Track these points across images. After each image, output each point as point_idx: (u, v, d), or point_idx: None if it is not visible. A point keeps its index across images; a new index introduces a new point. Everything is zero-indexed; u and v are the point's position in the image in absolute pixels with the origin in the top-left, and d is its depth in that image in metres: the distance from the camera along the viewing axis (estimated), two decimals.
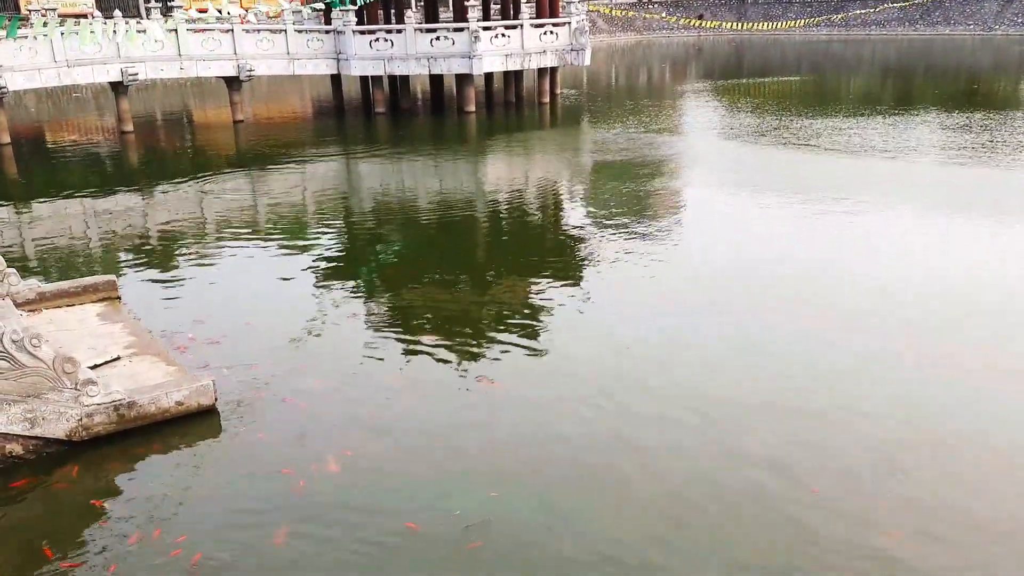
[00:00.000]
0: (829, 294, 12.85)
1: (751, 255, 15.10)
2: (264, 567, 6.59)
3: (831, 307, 12.29)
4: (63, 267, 15.43)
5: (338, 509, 7.32)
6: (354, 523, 7.11)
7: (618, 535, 6.93)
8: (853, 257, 14.86)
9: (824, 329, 11.42)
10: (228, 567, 6.59)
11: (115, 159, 28.79)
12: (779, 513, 7.21)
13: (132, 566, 6.60)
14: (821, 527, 7.02)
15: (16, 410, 8.02)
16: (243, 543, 6.86)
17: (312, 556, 6.71)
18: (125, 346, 10.48)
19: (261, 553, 6.74)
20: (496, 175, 24.90)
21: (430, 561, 6.63)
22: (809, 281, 13.54)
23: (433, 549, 6.78)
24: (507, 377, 10.03)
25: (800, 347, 10.87)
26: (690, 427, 8.74)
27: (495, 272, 14.87)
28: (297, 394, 9.60)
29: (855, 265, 14.35)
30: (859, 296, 12.70)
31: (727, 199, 20.17)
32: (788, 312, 12.11)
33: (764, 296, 12.83)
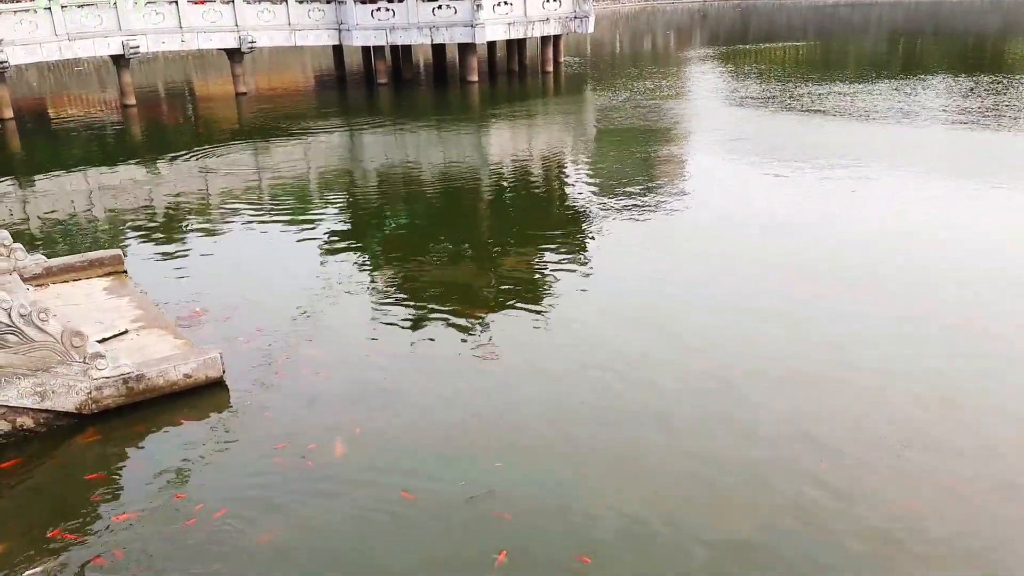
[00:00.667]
0: (837, 260, 12.82)
1: (757, 222, 15.05)
2: (274, 536, 6.67)
3: (839, 273, 12.27)
4: (69, 242, 15.48)
5: (344, 479, 7.39)
6: (360, 493, 7.17)
7: (623, 505, 6.96)
8: (860, 222, 14.81)
9: (832, 295, 11.40)
10: (240, 536, 6.67)
11: (118, 133, 28.74)
12: (789, 485, 7.21)
13: (146, 536, 6.69)
14: (831, 498, 7.06)
15: (26, 384, 8.10)
16: (254, 513, 6.94)
17: (319, 526, 6.78)
18: (132, 320, 10.54)
19: (272, 522, 6.82)
20: (500, 145, 24.81)
21: (434, 530, 6.68)
22: (817, 247, 13.51)
23: (437, 520, 6.82)
24: (513, 348, 10.06)
25: (809, 314, 10.85)
26: (698, 395, 8.76)
27: (500, 243, 14.87)
28: (304, 366, 9.66)
29: (862, 230, 14.31)
30: (866, 261, 12.67)
31: (733, 166, 20.08)
32: (796, 279, 12.09)
33: (771, 263, 12.82)
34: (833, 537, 6.52)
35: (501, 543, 6.48)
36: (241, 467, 7.65)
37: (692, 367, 9.42)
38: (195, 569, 6.32)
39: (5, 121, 29.23)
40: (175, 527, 6.81)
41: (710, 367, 9.39)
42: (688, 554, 6.32)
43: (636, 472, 7.45)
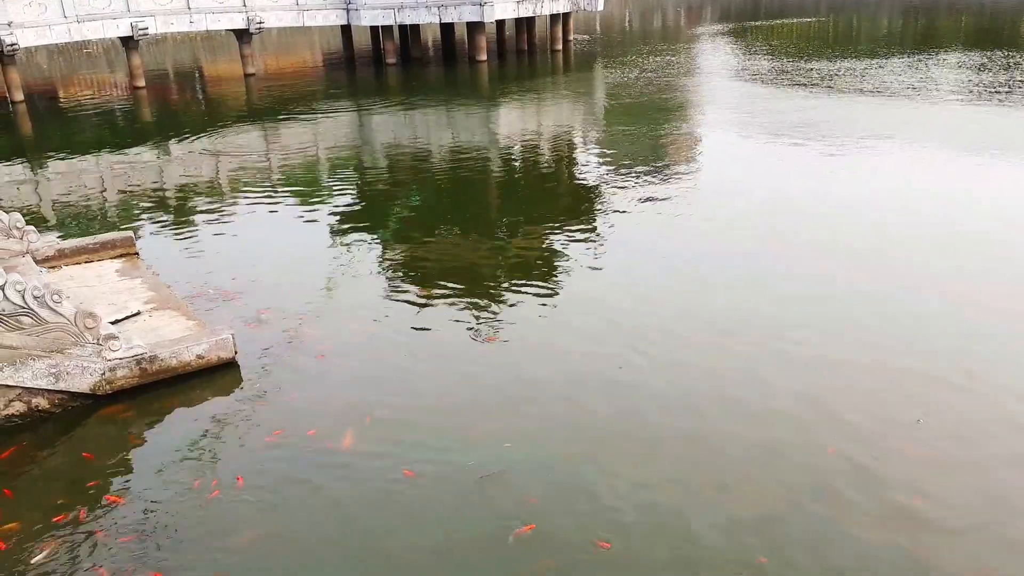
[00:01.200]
0: (849, 235, 12.77)
1: (769, 198, 14.99)
2: (291, 514, 6.74)
3: (851, 247, 12.24)
4: (81, 224, 15.55)
5: (355, 458, 7.44)
6: (370, 472, 7.22)
7: (634, 484, 6.97)
8: (872, 197, 14.74)
9: (845, 270, 11.37)
10: (256, 514, 6.74)
11: (128, 115, 28.77)
12: (807, 463, 7.20)
13: (163, 514, 6.77)
14: (849, 476, 7.07)
15: (40, 365, 8.18)
16: (269, 493, 7.00)
17: (328, 505, 6.82)
18: (145, 301, 10.61)
19: (285, 502, 6.89)
20: (509, 124, 24.73)
21: (444, 511, 6.71)
22: (829, 223, 13.46)
23: (446, 498, 6.85)
24: (523, 328, 10.08)
25: (824, 288, 10.82)
26: (711, 373, 8.76)
27: (510, 222, 14.86)
28: (315, 346, 9.71)
29: (874, 205, 14.24)
30: (879, 237, 12.62)
31: (744, 142, 19.97)
32: (809, 254, 12.07)
33: (784, 239, 12.78)
34: (851, 514, 6.52)
35: (512, 523, 6.50)
36: (255, 447, 7.71)
37: (705, 344, 9.41)
38: (214, 543, 6.39)
39: (16, 104, 29.29)
40: (191, 505, 6.88)
41: (724, 344, 9.39)
42: (704, 535, 6.32)
43: (648, 451, 7.45)
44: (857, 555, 6.08)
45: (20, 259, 11.43)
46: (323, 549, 6.35)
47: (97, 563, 6.22)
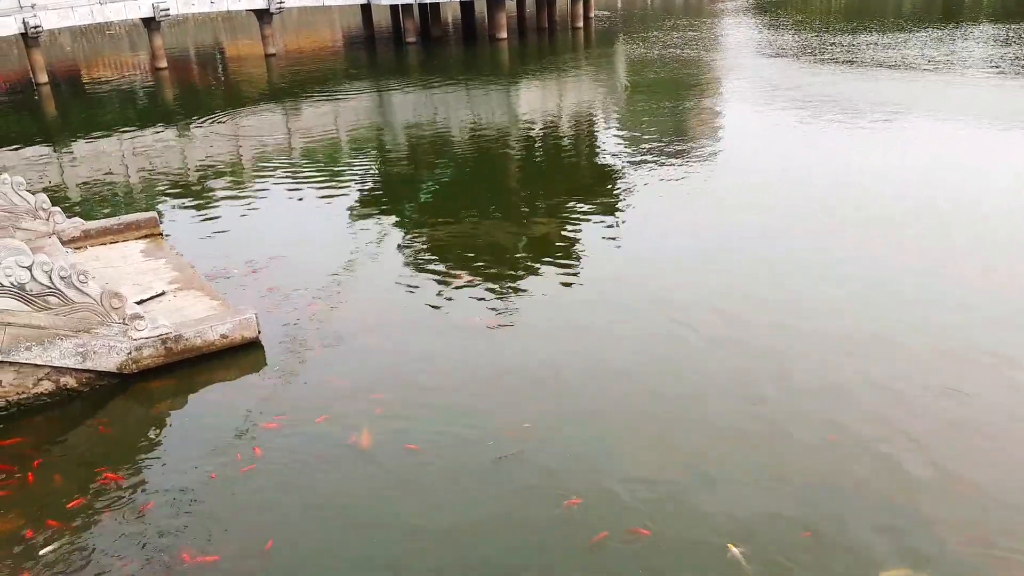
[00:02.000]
0: (871, 209, 12.62)
1: (793, 172, 14.84)
2: (314, 491, 6.81)
3: (872, 221, 12.10)
4: (105, 205, 15.70)
5: (375, 437, 7.47)
6: (388, 453, 7.26)
7: (653, 464, 6.93)
8: (899, 172, 14.55)
9: (866, 244, 11.25)
10: (285, 491, 6.82)
11: (150, 96, 28.93)
12: (823, 442, 7.18)
13: (192, 489, 6.87)
14: (872, 456, 7.04)
15: (68, 344, 8.29)
16: (295, 469, 7.07)
17: (350, 483, 6.88)
18: (169, 281, 10.71)
19: (311, 478, 6.97)
20: (530, 103, 24.61)
21: (462, 491, 6.74)
22: (853, 196, 13.31)
23: (466, 479, 6.87)
24: (543, 307, 10.07)
25: (847, 263, 10.72)
26: (731, 350, 8.71)
27: (531, 201, 14.82)
28: (337, 325, 9.76)
29: (901, 179, 14.06)
30: (910, 211, 12.47)
31: (767, 117, 19.76)
32: (830, 228, 11.94)
33: (806, 214, 12.66)
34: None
35: (530, 504, 6.51)
36: (279, 425, 7.78)
37: (731, 321, 9.34)
38: (240, 520, 6.48)
39: (40, 85, 29.53)
40: (217, 481, 6.97)
41: (745, 321, 9.33)
42: (726, 518, 6.31)
43: (667, 431, 7.42)
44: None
45: (46, 240, 11.57)
46: (345, 525, 6.41)
47: (125, 539, 6.32)
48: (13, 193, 11.75)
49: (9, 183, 11.72)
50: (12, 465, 7.31)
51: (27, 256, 7.95)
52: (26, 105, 28.39)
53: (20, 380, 8.17)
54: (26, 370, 8.17)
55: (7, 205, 11.67)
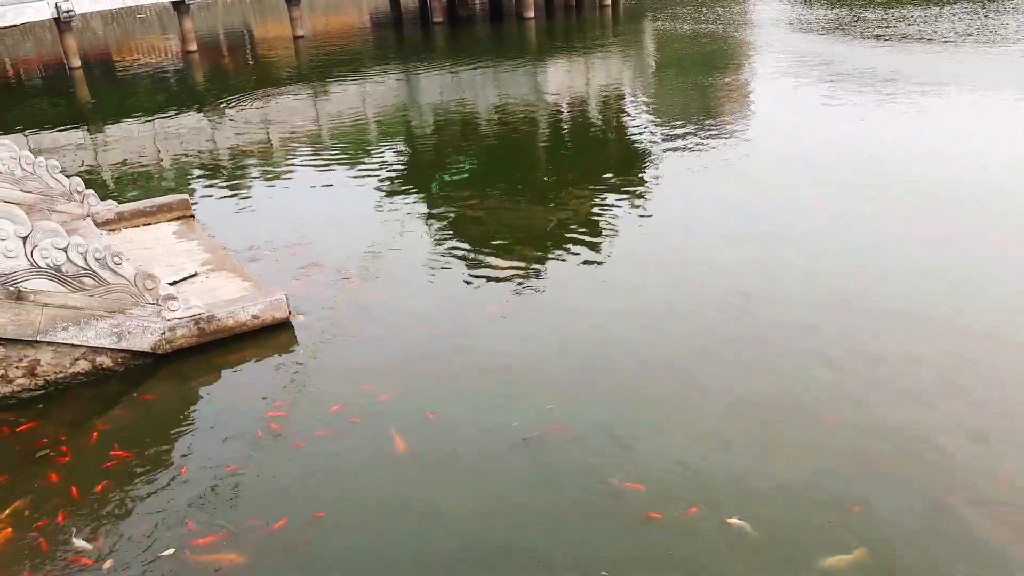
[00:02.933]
0: (906, 186, 12.38)
1: (825, 148, 14.60)
2: (348, 468, 6.89)
3: (907, 199, 11.89)
4: (138, 187, 15.89)
5: (400, 419, 7.52)
6: (415, 433, 7.29)
7: (677, 445, 6.88)
8: (935, 147, 14.29)
9: (903, 222, 11.05)
10: (316, 470, 6.91)
11: (181, 79, 29.16)
12: (852, 427, 7.11)
13: (226, 467, 6.99)
14: (899, 439, 6.96)
15: (103, 325, 8.44)
16: (326, 449, 7.15)
17: (378, 460, 6.94)
18: (201, 263, 10.84)
19: (341, 456, 7.05)
20: (558, 82, 24.47)
21: (487, 471, 6.74)
22: (887, 172, 13.05)
23: (491, 459, 6.87)
24: (570, 287, 10.04)
25: (880, 242, 10.52)
26: (765, 331, 8.61)
27: (559, 181, 14.75)
28: (365, 306, 9.83)
29: (936, 156, 13.80)
30: (944, 190, 12.25)
31: (799, 92, 19.48)
32: (864, 207, 11.71)
33: (841, 190, 12.43)
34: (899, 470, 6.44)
35: (556, 485, 6.50)
36: (309, 404, 7.87)
37: (760, 300, 9.24)
38: (274, 497, 6.57)
39: (73, 69, 29.88)
40: (251, 459, 7.07)
41: (781, 299, 9.22)
42: (753, 499, 6.29)
43: (695, 413, 7.36)
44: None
45: (81, 222, 11.75)
46: (375, 501, 6.48)
47: (159, 515, 6.44)
48: (48, 176, 11.94)
49: (44, 166, 11.91)
50: (52, 442, 7.46)
51: (63, 238, 8.08)
52: (60, 89, 28.78)
53: (58, 360, 8.33)
54: (63, 350, 8.33)
55: (43, 188, 11.87)
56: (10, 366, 8.15)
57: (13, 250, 7.86)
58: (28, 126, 22.06)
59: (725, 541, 5.80)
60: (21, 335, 8.03)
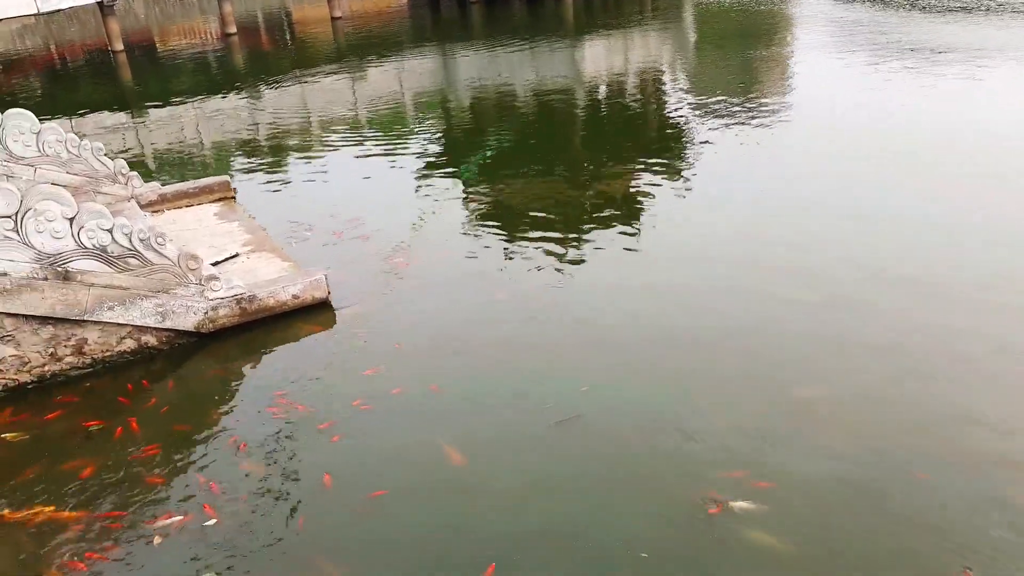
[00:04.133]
0: (957, 163, 12.10)
1: (871, 123, 14.28)
2: (386, 445, 6.98)
3: (954, 174, 11.63)
4: (180, 169, 16.12)
5: (436, 398, 7.54)
6: (452, 411, 7.32)
7: (716, 429, 6.78)
8: (985, 121, 13.92)
9: (949, 196, 10.82)
10: (359, 449, 6.99)
11: (221, 61, 29.43)
12: (891, 408, 7.01)
13: (271, 444, 7.11)
14: (946, 419, 6.86)
15: (148, 304, 8.60)
16: (365, 427, 7.23)
17: (414, 439, 6.98)
18: (242, 243, 10.98)
19: (387, 432, 7.13)
20: (595, 60, 24.26)
21: (521, 454, 6.71)
22: (935, 147, 12.74)
23: (523, 442, 6.83)
24: (607, 268, 9.99)
25: (926, 219, 10.30)
26: (809, 310, 8.48)
27: (596, 160, 14.67)
28: (403, 285, 9.89)
29: (987, 129, 13.45)
30: (994, 165, 11.95)
31: (843, 65, 19.09)
32: (916, 182, 11.45)
33: (887, 167, 12.17)
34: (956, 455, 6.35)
35: (591, 470, 6.45)
36: (350, 382, 7.94)
37: (796, 281, 9.11)
38: (317, 475, 6.68)
39: (116, 53, 30.31)
40: (295, 436, 7.18)
41: (815, 281, 9.06)
42: (799, 481, 6.24)
43: (735, 392, 7.28)
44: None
45: (126, 204, 11.96)
46: (411, 477, 6.54)
47: (208, 489, 6.58)
48: (93, 159, 12.16)
49: (90, 149, 12.13)
50: (100, 419, 7.65)
51: (108, 219, 8.23)
52: (103, 73, 29.22)
53: (104, 338, 8.52)
54: (110, 329, 8.51)
55: (88, 170, 12.09)
56: (59, 345, 8.35)
57: (60, 231, 8.04)
58: (73, 109, 22.46)
59: (768, 527, 5.75)
60: (69, 315, 8.22)
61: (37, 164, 11.72)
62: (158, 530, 6.15)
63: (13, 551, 6.12)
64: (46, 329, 8.23)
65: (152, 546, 6.01)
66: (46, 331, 8.24)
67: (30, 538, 6.22)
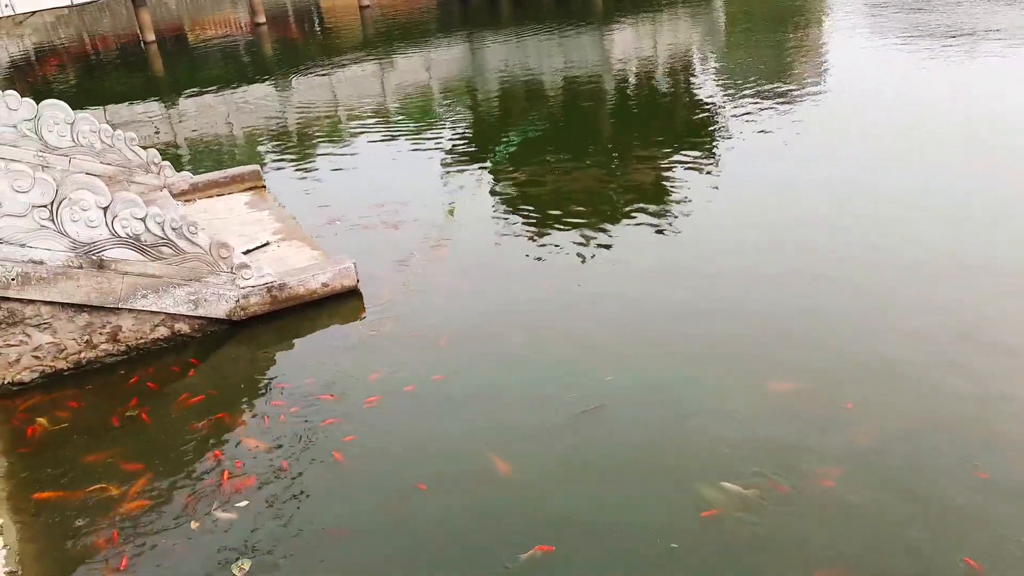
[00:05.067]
0: (1000, 147, 11.88)
1: (907, 107, 14.00)
2: (414, 432, 7.01)
3: (995, 158, 11.40)
4: (211, 158, 16.27)
5: (463, 388, 7.55)
6: (475, 405, 7.31)
7: (743, 419, 6.68)
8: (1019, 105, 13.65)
9: (994, 184, 10.62)
10: (388, 432, 7.05)
11: (250, 51, 29.63)
12: (916, 388, 6.90)
13: (303, 428, 7.19)
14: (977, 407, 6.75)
15: (181, 292, 8.71)
16: (394, 412, 7.29)
17: (441, 434, 6.98)
18: (273, 232, 11.07)
19: (414, 420, 7.18)
20: (624, 46, 24.07)
21: (543, 444, 6.69)
22: (974, 132, 12.45)
23: (547, 432, 6.79)
24: (635, 256, 9.90)
25: (965, 204, 10.09)
26: (830, 298, 8.37)
27: (625, 147, 14.58)
28: (430, 274, 9.93)
29: None
30: None
31: (878, 48, 18.71)
32: (955, 169, 11.19)
33: (923, 153, 11.91)
34: None
35: (613, 462, 6.40)
36: (380, 369, 7.98)
37: (835, 268, 8.95)
38: (350, 459, 6.74)
39: (148, 44, 30.62)
40: (333, 420, 7.24)
41: (846, 268, 8.92)
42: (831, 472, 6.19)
43: (757, 383, 7.16)
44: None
45: (158, 193, 12.11)
46: (440, 467, 6.57)
47: (240, 472, 6.67)
48: (126, 148, 12.30)
49: (122, 139, 12.27)
50: (137, 403, 7.78)
51: (141, 208, 8.33)
52: (135, 63, 29.54)
53: (138, 326, 8.64)
54: (143, 316, 8.63)
55: (121, 160, 12.24)
56: (94, 332, 8.49)
57: (95, 220, 8.15)
58: (106, 100, 22.75)
59: (801, 512, 5.71)
60: (104, 302, 8.35)
61: (72, 154, 11.88)
62: (190, 515, 6.25)
63: (49, 533, 6.24)
64: (81, 317, 8.37)
65: (186, 531, 6.11)
66: (81, 319, 8.38)
67: (66, 521, 6.35)
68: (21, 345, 8.22)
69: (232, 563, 5.73)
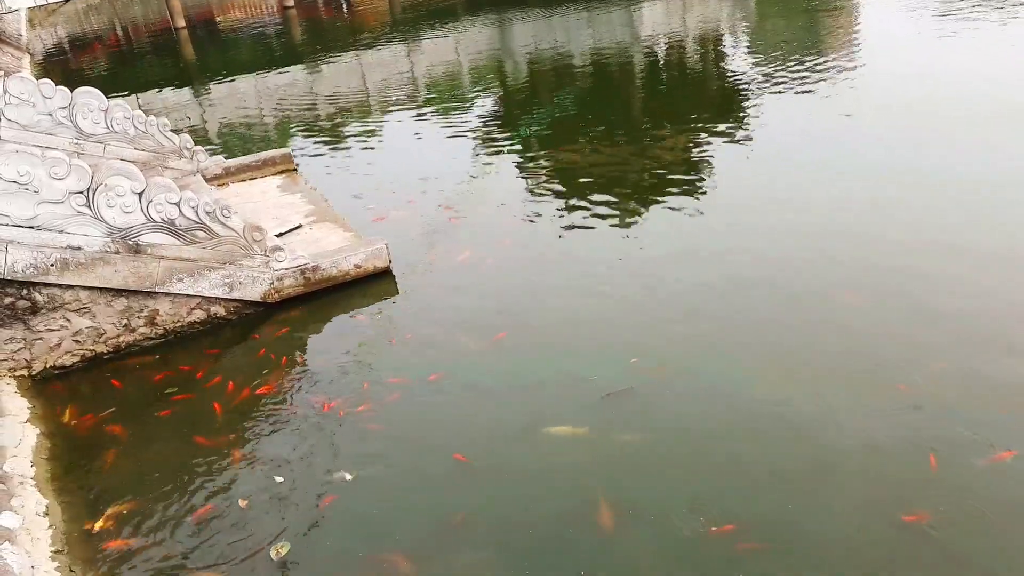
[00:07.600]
0: None
1: (943, 83, 13.68)
2: (442, 412, 7.05)
3: None
4: (243, 143, 16.37)
5: (490, 367, 7.55)
6: (504, 385, 7.29)
7: (769, 402, 6.56)
8: None
9: None
10: (424, 414, 7.08)
11: (280, 35, 29.71)
12: (959, 374, 6.81)
13: (342, 410, 7.25)
14: None
15: (216, 275, 8.80)
16: (434, 392, 7.32)
17: (465, 415, 7.00)
18: (305, 215, 11.13)
19: (443, 399, 7.21)
20: (653, 23, 23.79)
21: (568, 422, 6.63)
22: (1017, 107, 12.21)
23: (571, 414, 6.73)
24: (663, 237, 9.76)
25: (1000, 184, 9.83)
26: (861, 277, 8.21)
27: (657, 124, 14.44)
28: (461, 255, 9.91)
29: None
30: None
31: (912, 21, 18.31)
32: (996, 148, 10.92)
33: (961, 129, 11.65)
34: None
35: (636, 445, 6.34)
36: (413, 350, 8.03)
37: (855, 248, 8.77)
38: (386, 439, 6.79)
39: (178, 30, 30.85)
40: (367, 403, 7.29)
41: (878, 248, 8.73)
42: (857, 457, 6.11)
43: (783, 365, 7.05)
44: None
45: (191, 178, 12.22)
46: (472, 446, 6.59)
47: (280, 454, 6.74)
48: (160, 134, 12.42)
49: (156, 124, 12.39)
50: (177, 384, 7.91)
51: (175, 193, 8.41)
52: (166, 50, 29.76)
53: (175, 309, 8.75)
54: (180, 300, 8.73)
55: (155, 145, 12.37)
56: (132, 316, 8.61)
57: (130, 205, 8.24)
58: (139, 86, 22.97)
59: (830, 502, 5.65)
60: (141, 287, 8.46)
61: (106, 141, 12.02)
62: (233, 495, 6.34)
63: (93, 514, 6.36)
64: (120, 301, 8.49)
65: (228, 511, 6.19)
66: (120, 303, 8.50)
67: (106, 501, 6.47)
68: (62, 330, 8.37)
69: (271, 546, 5.77)
